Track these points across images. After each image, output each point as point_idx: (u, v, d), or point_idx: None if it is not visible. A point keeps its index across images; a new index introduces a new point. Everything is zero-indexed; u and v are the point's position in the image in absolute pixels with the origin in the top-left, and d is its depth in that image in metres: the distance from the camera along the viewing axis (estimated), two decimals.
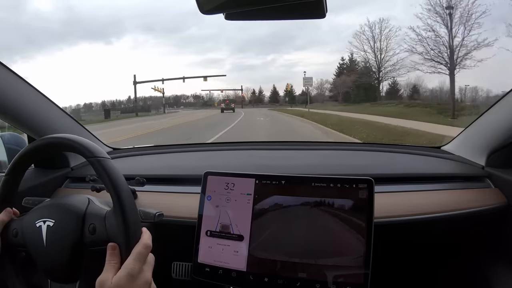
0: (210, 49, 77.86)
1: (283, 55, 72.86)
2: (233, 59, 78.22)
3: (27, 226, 0.74)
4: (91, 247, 0.72)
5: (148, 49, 74.38)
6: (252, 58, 77.94)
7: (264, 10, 0.64)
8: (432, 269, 1.22)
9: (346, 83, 33.06)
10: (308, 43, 70.93)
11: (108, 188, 0.68)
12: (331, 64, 61.87)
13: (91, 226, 0.72)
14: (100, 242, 0.70)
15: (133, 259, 0.64)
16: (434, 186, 1.07)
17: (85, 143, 0.72)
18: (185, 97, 55.72)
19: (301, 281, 0.82)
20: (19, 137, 1.30)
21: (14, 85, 1.01)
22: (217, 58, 77.13)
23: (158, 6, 77.08)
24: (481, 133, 1.14)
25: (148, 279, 0.65)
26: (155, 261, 0.69)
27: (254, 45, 78.77)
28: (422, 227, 0.99)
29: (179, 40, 79.25)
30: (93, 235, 0.72)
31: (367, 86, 30.67)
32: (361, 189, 0.83)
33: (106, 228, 0.71)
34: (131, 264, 0.63)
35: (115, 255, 0.65)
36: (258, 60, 77.00)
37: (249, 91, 56.12)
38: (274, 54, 74.88)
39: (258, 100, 54.07)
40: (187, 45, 79.43)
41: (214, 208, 0.91)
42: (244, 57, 79.48)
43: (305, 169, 1.14)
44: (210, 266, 0.89)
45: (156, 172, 1.26)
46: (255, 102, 52.86)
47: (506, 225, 1.00)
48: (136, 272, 0.63)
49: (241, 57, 79.48)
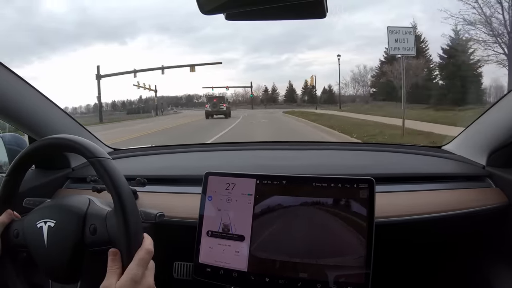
0: (225, 49, 77.42)
1: (297, 54, 71.91)
2: (248, 59, 77.67)
3: (28, 226, 0.74)
4: (92, 247, 0.72)
5: (163, 49, 74.15)
6: (267, 58, 76.77)
7: (264, 10, 0.64)
8: (433, 268, 1.22)
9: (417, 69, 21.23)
10: (322, 42, 70.01)
11: (109, 188, 0.68)
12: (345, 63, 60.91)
13: (92, 227, 0.72)
14: (101, 242, 0.70)
15: (135, 265, 0.64)
16: (435, 185, 1.07)
17: (85, 144, 0.72)
18: (197, 97, 50.82)
19: (302, 281, 0.82)
20: (20, 138, 1.30)
21: (15, 86, 1.01)
22: (231, 58, 76.32)
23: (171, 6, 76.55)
24: (482, 132, 1.14)
25: (151, 284, 0.65)
26: (156, 261, 0.69)
27: (269, 45, 77.86)
28: (423, 227, 0.99)
29: (194, 40, 78.76)
30: (94, 236, 0.72)
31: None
32: (362, 189, 0.83)
33: (107, 229, 0.71)
34: (134, 269, 0.63)
35: (116, 260, 0.65)
36: (272, 59, 75.98)
37: (260, 89, 49.27)
38: (289, 54, 74.09)
39: (271, 99, 47.70)
40: (202, 45, 79.03)
41: (215, 208, 0.91)
42: (258, 57, 78.81)
43: (306, 169, 1.14)
44: (211, 266, 0.89)
45: (157, 172, 1.26)
46: (268, 102, 46.49)
47: (507, 224, 1.00)
48: (139, 278, 0.63)
49: (256, 57, 78.86)
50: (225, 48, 77.26)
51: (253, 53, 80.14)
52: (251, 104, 44.42)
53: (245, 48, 78.19)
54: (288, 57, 75.08)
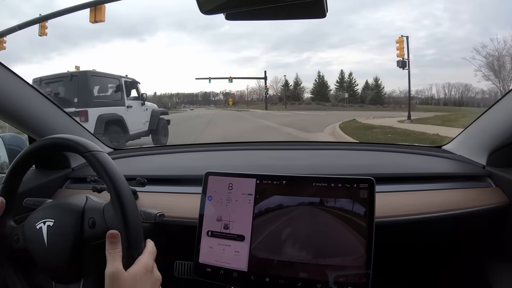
0: (245, 47, 76.97)
1: (317, 53, 70.92)
2: (268, 57, 76.73)
3: (28, 229, 0.74)
4: (92, 241, 0.72)
5: (182, 47, 73.73)
6: (287, 56, 75.49)
7: (264, 10, 0.64)
8: (433, 268, 1.22)
9: None
10: (342, 40, 69.09)
11: (103, 178, 0.68)
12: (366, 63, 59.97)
13: (91, 220, 0.72)
14: (101, 235, 0.70)
15: (148, 255, 0.65)
16: (435, 185, 1.07)
17: (77, 140, 0.72)
18: (214, 94, 46.45)
19: (302, 281, 0.82)
20: (20, 138, 1.31)
21: (14, 86, 1.01)
22: (252, 56, 75.93)
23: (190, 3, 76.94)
24: (482, 132, 1.14)
25: (160, 278, 0.66)
26: (157, 260, 0.70)
27: (288, 43, 76.79)
28: (423, 227, 0.99)
29: (213, 37, 78.47)
30: (93, 229, 0.72)
31: None
32: (362, 188, 0.83)
33: (105, 220, 0.71)
34: (145, 259, 0.64)
35: (116, 243, 0.63)
36: (292, 58, 74.68)
37: (279, 83, 36.59)
38: (309, 52, 72.97)
39: (294, 96, 35.19)
40: (222, 42, 78.55)
41: (215, 208, 0.91)
42: (278, 55, 77.69)
43: (306, 169, 1.14)
44: (211, 266, 0.89)
45: (157, 172, 1.26)
46: (289, 100, 34.02)
47: (507, 224, 1.00)
48: (151, 268, 0.64)
49: (276, 55, 77.80)
50: (244, 46, 76.84)
51: (272, 51, 79.27)
52: (265, 102, 32.70)
53: (265, 46, 77.49)
54: (309, 56, 74.10)
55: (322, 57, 70.12)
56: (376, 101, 29.27)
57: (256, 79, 37.43)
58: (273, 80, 37.13)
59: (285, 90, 35.56)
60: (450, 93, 29.81)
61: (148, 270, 0.63)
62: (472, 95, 19.70)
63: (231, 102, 35.24)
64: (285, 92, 35.29)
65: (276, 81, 36.79)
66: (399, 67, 18.14)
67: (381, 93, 30.42)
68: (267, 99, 33.54)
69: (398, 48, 16.24)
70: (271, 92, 36.32)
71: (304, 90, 35.56)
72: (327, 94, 33.07)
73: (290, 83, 36.09)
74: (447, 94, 29.88)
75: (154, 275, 0.65)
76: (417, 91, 31.34)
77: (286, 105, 31.64)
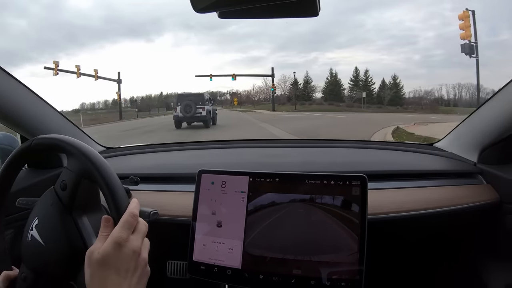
0: (252, 47, 75.73)
1: (325, 53, 69.88)
2: (275, 57, 74.94)
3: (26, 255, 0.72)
4: (73, 207, 0.71)
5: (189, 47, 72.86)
6: (294, 56, 73.68)
7: (257, 9, 0.64)
8: (425, 264, 1.23)
9: None
10: (350, 40, 67.82)
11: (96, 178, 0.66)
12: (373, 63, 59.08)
13: (62, 183, 0.72)
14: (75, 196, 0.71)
15: (119, 227, 0.62)
16: (427, 182, 1.08)
17: (67, 140, 0.71)
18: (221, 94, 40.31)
19: (296, 277, 0.82)
20: (12, 137, 1.29)
21: (6, 85, 1.00)
22: (259, 56, 74.45)
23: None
24: (473, 130, 1.15)
25: (137, 248, 0.63)
26: (149, 260, 0.68)
27: (296, 43, 75.08)
28: (415, 224, 1.00)
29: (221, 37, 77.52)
30: (64, 191, 0.71)
31: None
32: (355, 186, 0.83)
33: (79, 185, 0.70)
34: (117, 232, 0.61)
35: (108, 227, 0.63)
36: (300, 58, 72.94)
37: (287, 81, 33.19)
38: (316, 52, 71.41)
39: (304, 96, 32.07)
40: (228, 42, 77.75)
41: (208, 206, 0.91)
42: (286, 55, 76.06)
43: (299, 166, 1.14)
44: (205, 264, 0.89)
45: (150, 170, 1.25)
46: (299, 99, 30.76)
47: (498, 220, 1.02)
48: (122, 240, 0.61)
49: (283, 55, 76.25)
50: (252, 46, 75.61)
51: (280, 51, 78.27)
52: (273, 102, 28.77)
53: (272, 46, 76.09)
54: (316, 56, 72.98)
55: (330, 57, 69.18)
56: (396, 102, 27.58)
57: (263, 76, 34.51)
58: (280, 78, 34.26)
59: (294, 89, 32.55)
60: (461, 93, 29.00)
61: (119, 244, 0.60)
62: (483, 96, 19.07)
63: (236, 102, 33.07)
64: (294, 91, 32.21)
65: (284, 80, 33.85)
66: (465, 54, 14.14)
67: (399, 92, 27.86)
68: (275, 99, 30.46)
69: (463, 27, 12.20)
70: (278, 92, 33.56)
71: (315, 89, 32.87)
72: (341, 93, 30.23)
73: (300, 82, 33.34)
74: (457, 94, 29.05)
75: (128, 249, 0.61)
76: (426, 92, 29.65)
77: (295, 105, 28.55)
